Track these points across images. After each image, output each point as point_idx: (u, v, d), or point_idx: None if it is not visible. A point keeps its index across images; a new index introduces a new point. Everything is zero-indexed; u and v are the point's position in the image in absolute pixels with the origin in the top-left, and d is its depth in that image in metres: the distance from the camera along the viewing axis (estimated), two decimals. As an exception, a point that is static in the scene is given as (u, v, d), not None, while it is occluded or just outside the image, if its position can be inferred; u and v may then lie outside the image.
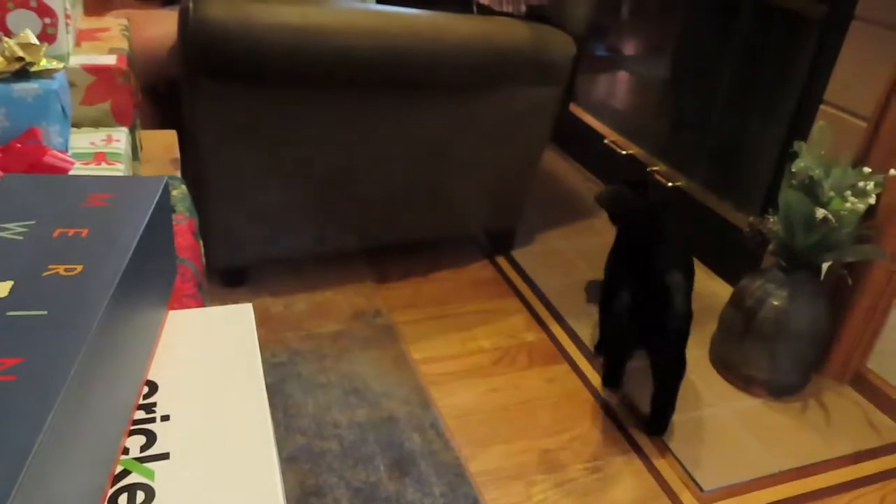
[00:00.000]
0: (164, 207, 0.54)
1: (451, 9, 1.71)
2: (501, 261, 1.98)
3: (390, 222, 1.80)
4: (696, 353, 1.65)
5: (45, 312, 0.39)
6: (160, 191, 0.52)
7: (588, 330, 1.71)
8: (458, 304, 1.78)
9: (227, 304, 0.57)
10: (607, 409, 1.48)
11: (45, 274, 0.42)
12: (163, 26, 1.53)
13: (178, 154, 0.95)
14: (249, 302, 0.58)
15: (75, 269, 0.43)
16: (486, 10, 1.86)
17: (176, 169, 0.92)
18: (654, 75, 2.53)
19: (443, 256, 1.96)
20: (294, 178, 1.61)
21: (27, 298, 0.40)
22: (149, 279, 0.50)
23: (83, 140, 0.73)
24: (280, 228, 1.67)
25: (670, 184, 2.09)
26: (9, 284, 0.40)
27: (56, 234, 0.46)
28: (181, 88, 1.48)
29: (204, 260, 0.77)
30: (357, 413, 1.39)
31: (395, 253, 1.92)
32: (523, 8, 1.84)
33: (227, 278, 1.73)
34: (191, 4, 1.36)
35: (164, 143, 0.97)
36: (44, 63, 0.65)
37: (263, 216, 1.63)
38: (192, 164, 1.39)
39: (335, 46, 1.46)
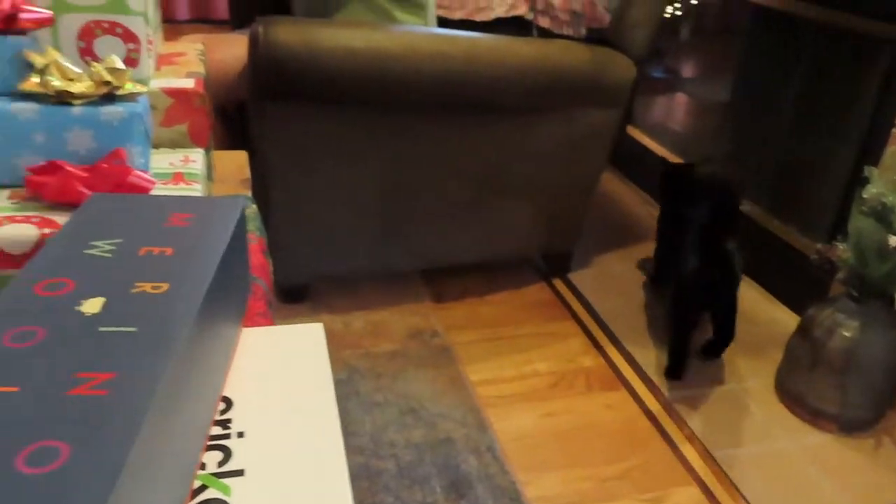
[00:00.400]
0: (242, 227, 0.56)
1: (511, 32, 1.72)
2: (558, 283, 1.97)
3: (447, 243, 1.81)
4: (761, 382, 1.60)
5: (134, 329, 0.40)
6: (239, 212, 0.54)
7: (647, 355, 1.68)
8: (514, 325, 1.77)
9: (287, 320, 0.58)
10: (667, 439, 1.45)
11: (133, 291, 0.43)
12: (232, 49, 1.57)
13: (248, 174, 0.98)
14: (309, 318, 0.59)
15: (161, 287, 0.44)
16: (546, 33, 1.87)
17: (247, 189, 0.94)
18: (715, 97, 2.49)
19: (499, 278, 1.95)
20: (354, 197, 1.63)
21: (117, 315, 0.41)
22: (227, 298, 0.51)
23: (162, 160, 0.76)
24: (340, 247, 1.70)
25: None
26: (101, 301, 0.42)
27: (142, 252, 0.48)
28: (249, 110, 1.52)
29: (273, 278, 0.79)
30: (413, 433, 1.39)
31: (452, 273, 1.92)
32: (583, 31, 1.83)
33: (286, 295, 1.76)
34: (261, 29, 1.40)
35: (235, 163, 0.99)
36: (128, 87, 0.68)
37: (324, 235, 1.66)
38: (257, 184, 1.42)
39: (398, 70, 1.48)
